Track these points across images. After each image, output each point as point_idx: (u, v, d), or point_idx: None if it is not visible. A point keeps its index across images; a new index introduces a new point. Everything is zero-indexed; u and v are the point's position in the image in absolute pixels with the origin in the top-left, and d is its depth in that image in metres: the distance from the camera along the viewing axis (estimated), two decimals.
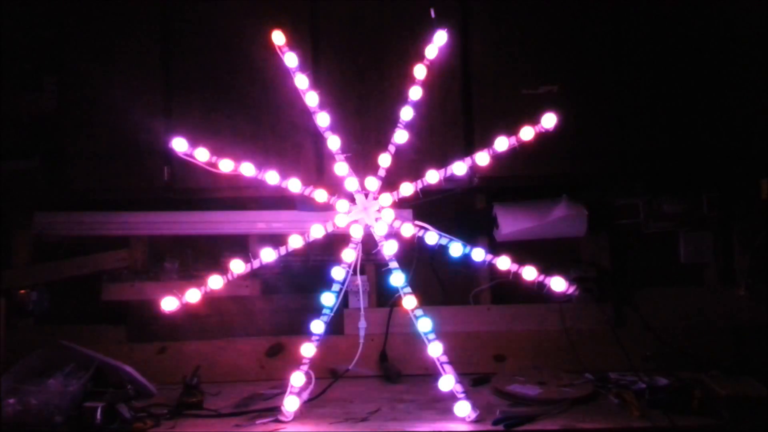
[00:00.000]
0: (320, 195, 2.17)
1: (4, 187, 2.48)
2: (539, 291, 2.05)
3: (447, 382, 2.03)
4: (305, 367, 2.10)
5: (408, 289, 2.11)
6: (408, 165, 2.25)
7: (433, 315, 2.12)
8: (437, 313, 2.33)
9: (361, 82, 2.44)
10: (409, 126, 2.17)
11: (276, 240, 2.22)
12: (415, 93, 2.16)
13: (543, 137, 2.09)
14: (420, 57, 2.19)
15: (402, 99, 2.18)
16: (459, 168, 2.13)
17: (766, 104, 2.40)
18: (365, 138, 2.37)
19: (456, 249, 2.09)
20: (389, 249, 2.12)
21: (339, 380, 2.34)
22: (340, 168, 2.17)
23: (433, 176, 2.12)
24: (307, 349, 2.10)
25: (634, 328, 2.49)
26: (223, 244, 2.64)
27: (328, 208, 2.22)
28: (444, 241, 2.10)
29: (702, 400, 2.00)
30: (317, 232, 2.14)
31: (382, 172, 2.16)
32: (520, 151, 2.11)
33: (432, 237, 2.10)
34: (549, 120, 2.07)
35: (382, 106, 2.36)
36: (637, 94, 2.44)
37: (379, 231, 2.14)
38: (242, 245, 2.60)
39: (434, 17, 2.26)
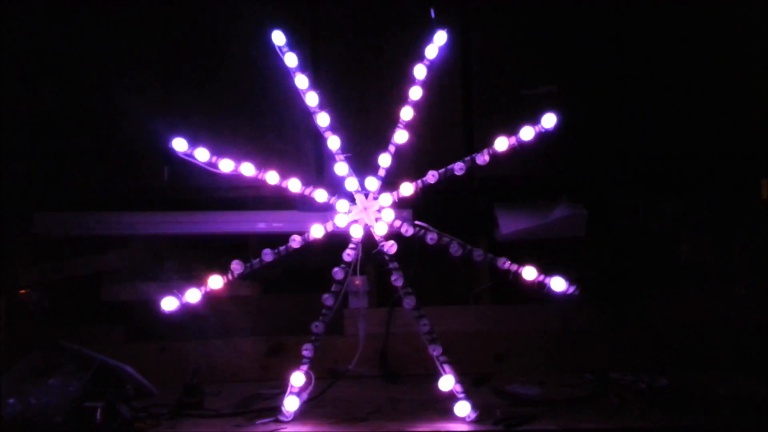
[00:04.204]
0: (320, 195, 2.17)
1: (4, 187, 2.48)
2: (539, 291, 2.05)
3: (447, 382, 2.03)
4: (305, 367, 2.09)
5: (408, 289, 2.11)
6: (408, 165, 2.25)
7: (433, 315, 2.12)
8: (437, 313, 2.33)
9: (361, 82, 2.44)
10: (409, 126, 2.16)
11: (276, 240, 2.22)
12: (415, 93, 2.16)
13: (543, 137, 2.09)
14: (420, 57, 2.19)
15: (402, 99, 2.18)
16: (459, 168, 2.13)
17: (766, 104, 2.40)
18: (365, 138, 2.37)
19: (456, 249, 2.09)
20: (389, 249, 2.12)
21: (339, 380, 2.34)
22: (340, 168, 2.17)
23: (433, 176, 2.12)
24: (307, 350, 2.10)
25: (634, 328, 2.49)
26: (223, 244, 2.64)
27: (328, 208, 2.22)
28: (444, 241, 2.10)
29: (702, 400, 2.00)
30: (317, 232, 2.14)
31: (382, 172, 2.16)
32: (520, 151, 2.11)
33: (432, 237, 2.10)
34: (549, 120, 2.06)
35: (382, 106, 2.36)
36: (636, 94, 2.44)
37: (379, 231, 2.14)
38: (242, 245, 2.60)
39: (434, 17, 2.26)
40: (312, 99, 2.17)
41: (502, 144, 2.09)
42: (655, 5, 2.45)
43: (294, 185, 2.17)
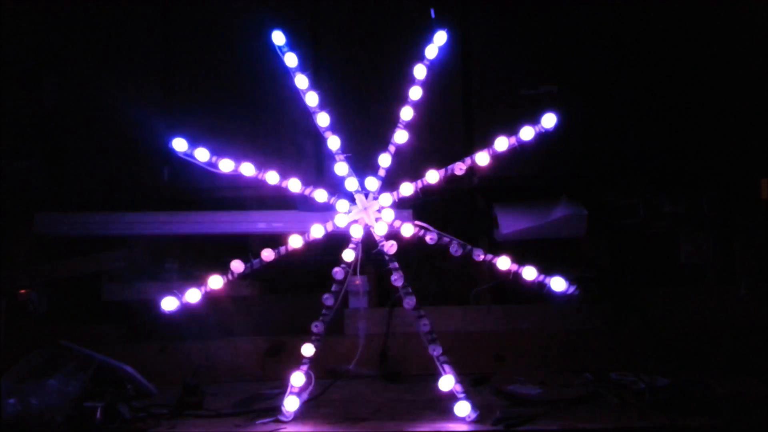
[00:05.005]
0: (320, 195, 2.17)
1: (4, 187, 2.48)
2: (539, 291, 2.05)
3: (447, 382, 2.03)
4: (305, 367, 2.10)
5: (408, 289, 2.11)
6: (408, 165, 2.25)
7: (433, 315, 2.12)
8: (437, 313, 2.33)
9: (361, 82, 2.44)
10: (409, 126, 2.16)
11: (276, 240, 2.22)
12: (415, 93, 2.16)
13: (543, 137, 2.09)
14: (420, 57, 2.19)
15: (402, 99, 2.18)
16: (459, 168, 2.13)
17: (766, 104, 2.40)
18: (365, 138, 2.36)
19: (456, 249, 2.09)
20: (389, 249, 2.12)
21: (339, 380, 2.34)
22: (340, 168, 2.17)
23: (433, 176, 2.12)
24: (307, 349, 2.10)
25: (634, 328, 2.49)
26: (223, 244, 2.64)
27: (328, 208, 2.22)
28: (444, 241, 2.10)
29: (702, 400, 2.00)
30: (317, 232, 2.14)
31: (382, 172, 2.16)
32: (520, 151, 2.11)
33: (432, 237, 2.10)
34: (549, 120, 2.06)
35: (382, 106, 2.36)
36: (636, 94, 2.44)
37: (379, 231, 2.14)
38: (242, 245, 2.60)
39: (434, 17, 2.26)
40: (312, 99, 2.17)
41: (502, 144, 2.09)
42: (655, 5, 2.45)
43: (294, 185, 2.17)
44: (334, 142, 2.17)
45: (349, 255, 2.13)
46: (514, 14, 2.46)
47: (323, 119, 2.17)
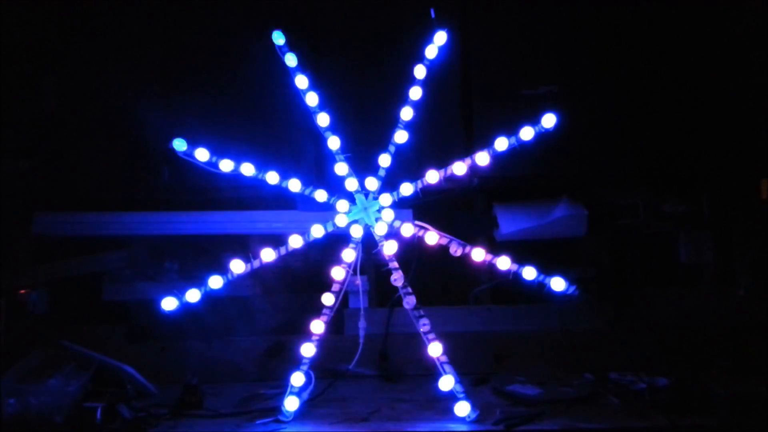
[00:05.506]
0: (320, 195, 2.17)
1: (4, 187, 2.48)
2: (539, 291, 2.05)
3: (447, 382, 2.03)
4: (305, 367, 2.10)
5: (408, 289, 2.11)
6: (408, 165, 2.25)
7: (433, 315, 2.12)
8: (437, 313, 2.32)
9: (361, 82, 2.45)
10: (409, 126, 2.16)
11: (276, 240, 2.22)
12: (415, 93, 2.16)
13: (543, 137, 2.09)
14: (420, 57, 2.19)
15: (402, 99, 2.18)
16: (459, 168, 2.13)
17: (766, 105, 2.40)
18: (365, 138, 2.36)
19: (456, 249, 2.09)
20: (389, 249, 2.12)
21: (339, 380, 2.34)
22: (340, 168, 2.17)
23: (433, 176, 2.12)
24: (307, 349, 2.10)
25: (634, 328, 2.49)
26: (223, 244, 2.64)
27: (328, 208, 2.22)
28: (444, 241, 2.10)
29: (702, 400, 2.00)
30: (317, 232, 2.14)
31: (382, 172, 2.16)
32: (520, 151, 2.11)
33: (432, 237, 2.10)
34: (549, 120, 2.06)
35: (382, 106, 2.36)
36: (636, 94, 2.44)
37: (379, 231, 2.14)
38: (242, 245, 2.60)
39: (434, 17, 2.26)
40: (312, 99, 2.17)
41: (502, 144, 2.09)
42: (655, 6, 2.45)
43: (294, 185, 2.17)
44: (334, 142, 2.17)
45: (349, 255, 2.13)
46: (514, 14, 2.46)
47: (323, 119, 2.17)
